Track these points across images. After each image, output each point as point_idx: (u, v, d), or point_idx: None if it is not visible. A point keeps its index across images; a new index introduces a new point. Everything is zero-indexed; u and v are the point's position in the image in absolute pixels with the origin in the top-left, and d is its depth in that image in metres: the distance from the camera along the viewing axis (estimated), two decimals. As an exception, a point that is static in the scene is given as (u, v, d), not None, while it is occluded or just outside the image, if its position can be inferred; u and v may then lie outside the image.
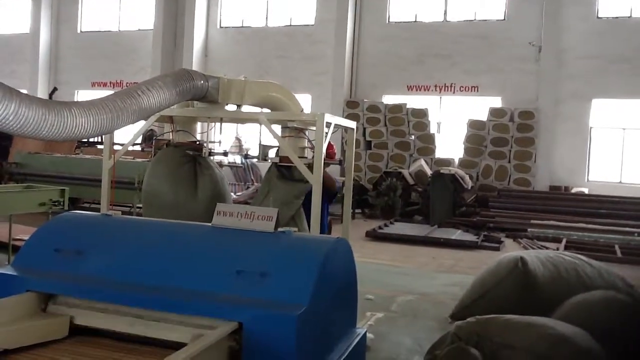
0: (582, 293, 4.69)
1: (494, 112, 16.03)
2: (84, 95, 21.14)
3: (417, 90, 17.51)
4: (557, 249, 9.49)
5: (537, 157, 15.71)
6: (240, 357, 2.25)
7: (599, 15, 15.94)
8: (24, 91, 2.65)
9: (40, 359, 2.24)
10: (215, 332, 2.19)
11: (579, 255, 5.92)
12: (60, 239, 2.80)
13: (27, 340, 2.33)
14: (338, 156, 7.04)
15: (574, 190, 15.26)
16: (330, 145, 5.40)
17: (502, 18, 16.81)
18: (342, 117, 13.18)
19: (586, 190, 15.26)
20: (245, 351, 2.25)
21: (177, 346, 2.22)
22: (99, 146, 14.86)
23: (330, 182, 5.14)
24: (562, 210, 13.43)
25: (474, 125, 16.12)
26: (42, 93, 21.03)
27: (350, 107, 17.24)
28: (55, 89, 19.63)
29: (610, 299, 4.42)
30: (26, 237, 6.17)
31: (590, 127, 16.01)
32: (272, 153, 5.25)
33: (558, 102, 15.93)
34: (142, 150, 12.85)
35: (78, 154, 13.67)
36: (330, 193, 5.28)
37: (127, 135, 5.40)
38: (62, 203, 7.18)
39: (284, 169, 4.99)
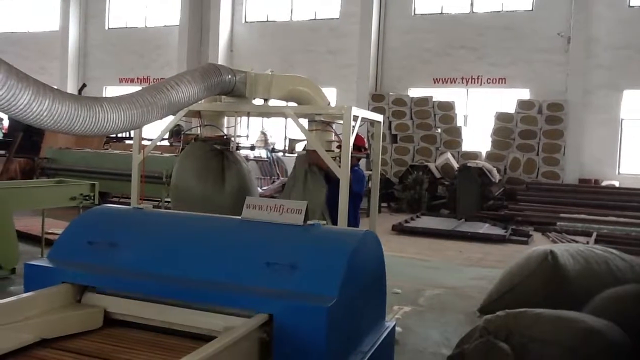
0: (614, 287, 4.62)
1: (522, 104, 15.81)
2: (112, 91, 21.43)
3: (443, 82, 17.35)
4: (587, 243, 9.35)
5: (566, 149, 15.46)
6: (270, 348, 2.27)
7: (630, 4, 15.59)
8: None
9: (76, 349, 2.29)
10: (246, 324, 2.21)
11: (610, 249, 5.83)
12: (94, 232, 2.86)
13: (63, 330, 2.38)
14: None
15: (604, 183, 15.00)
16: (360, 138, 5.39)
17: (530, 8, 16.55)
18: (368, 110, 13.14)
19: (617, 183, 14.98)
20: (275, 343, 2.27)
21: (208, 338, 2.25)
22: (128, 141, 15.06)
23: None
24: (592, 204, 13.21)
25: (502, 117, 15.93)
26: (71, 89, 21.35)
27: (376, 101, 17.17)
28: (84, 85, 19.92)
29: (643, 293, 4.34)
30: (58, 231, 6.31)
31: (622, 119, 15.70)
32: (298, 147, 5.26)
33: (588, 93, 15.65)
34: (171, 145, 13.00)
35: (107, 149, 13.87)
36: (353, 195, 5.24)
37: (156, 130, 5.46)
38: (92, 197, 7.31)
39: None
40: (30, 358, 2.18)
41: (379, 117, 5.52)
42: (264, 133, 17.06)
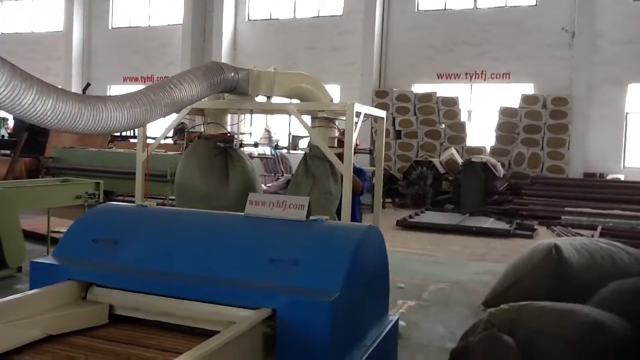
0: (618, 280, 4.61)
1: (526, 99, 15.78)
2: (116, 90, 21.49)
3: (447, 78, 17.34)
4: (592, 236, 9.33)
5: (570, 144, 15.44)
6: (274, 342, 2.29)
7: (635, -2, 15.54)
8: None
9: (82, 345, 2.32)
10: (250, 319, 2.22)
11: (615, 242, 5.82)
12: (99, 230, 2.88)
13: (69, 326, 2.40)
14: (364, 144, 7.02)
15: (609, 177, 14.96)
16: None
17: (534, 3, 16.50)
18: (372, 106, 13.13)
19: (622, 177, 14.94)
20: (279, 337, 2.29)
21: (212, 333, 2.26)
22: (132, 140, 15.10)
23: (355, 185, 4.92)
24: (597, 197, 13.17)
25: (506, 112, 15.91)
26: (75, 89, 21.43)
27: (380, 97, 17.17)
28: (88, 85, 19.98)
29: (647, 286, 4.34)
30: (63, 230, 6.34)
31: (627, 113, 15.66)
32: (302, 144, 5.27)
33: (592, 87, 15.60)
34: (174, 143, 13.06)
35: (111, 147, 13.92)
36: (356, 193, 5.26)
37: (159, 128, 5.48)
38: (97, 196, 7.34)
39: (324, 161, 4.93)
40: (37, 354, 2.20)
41: (382, 113, 5.53)
42: (268, 130, 17.09)
